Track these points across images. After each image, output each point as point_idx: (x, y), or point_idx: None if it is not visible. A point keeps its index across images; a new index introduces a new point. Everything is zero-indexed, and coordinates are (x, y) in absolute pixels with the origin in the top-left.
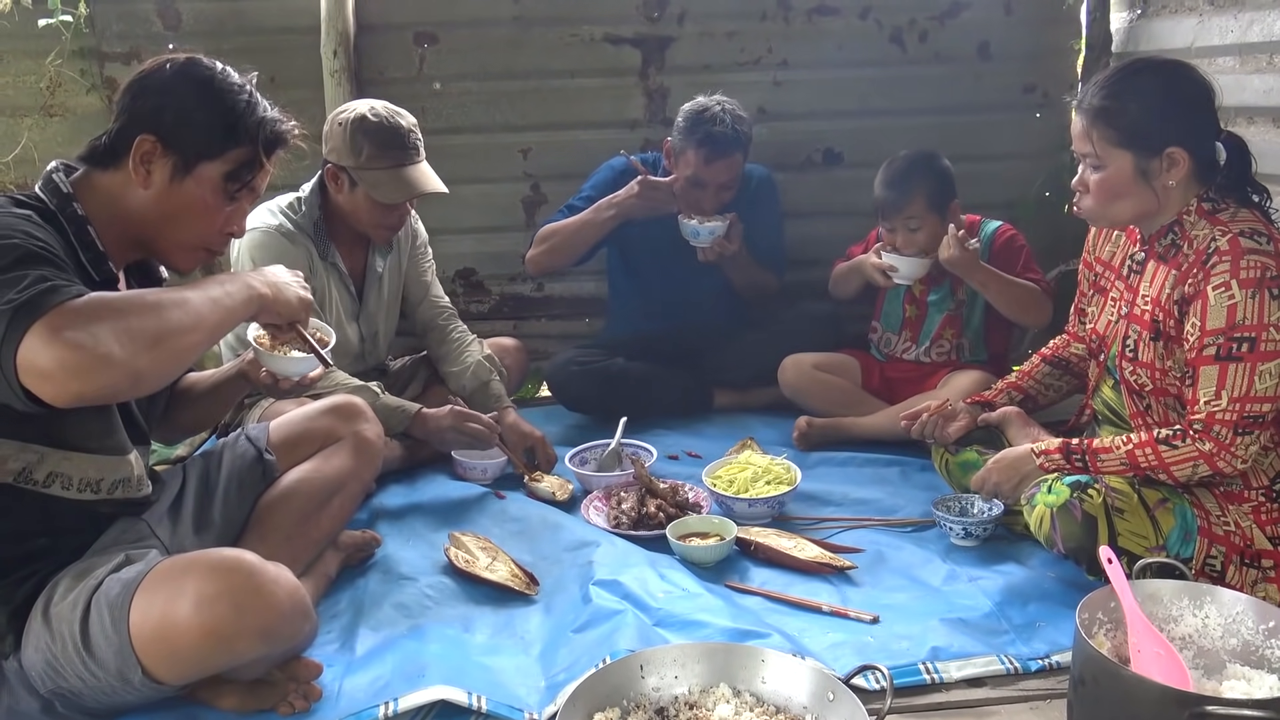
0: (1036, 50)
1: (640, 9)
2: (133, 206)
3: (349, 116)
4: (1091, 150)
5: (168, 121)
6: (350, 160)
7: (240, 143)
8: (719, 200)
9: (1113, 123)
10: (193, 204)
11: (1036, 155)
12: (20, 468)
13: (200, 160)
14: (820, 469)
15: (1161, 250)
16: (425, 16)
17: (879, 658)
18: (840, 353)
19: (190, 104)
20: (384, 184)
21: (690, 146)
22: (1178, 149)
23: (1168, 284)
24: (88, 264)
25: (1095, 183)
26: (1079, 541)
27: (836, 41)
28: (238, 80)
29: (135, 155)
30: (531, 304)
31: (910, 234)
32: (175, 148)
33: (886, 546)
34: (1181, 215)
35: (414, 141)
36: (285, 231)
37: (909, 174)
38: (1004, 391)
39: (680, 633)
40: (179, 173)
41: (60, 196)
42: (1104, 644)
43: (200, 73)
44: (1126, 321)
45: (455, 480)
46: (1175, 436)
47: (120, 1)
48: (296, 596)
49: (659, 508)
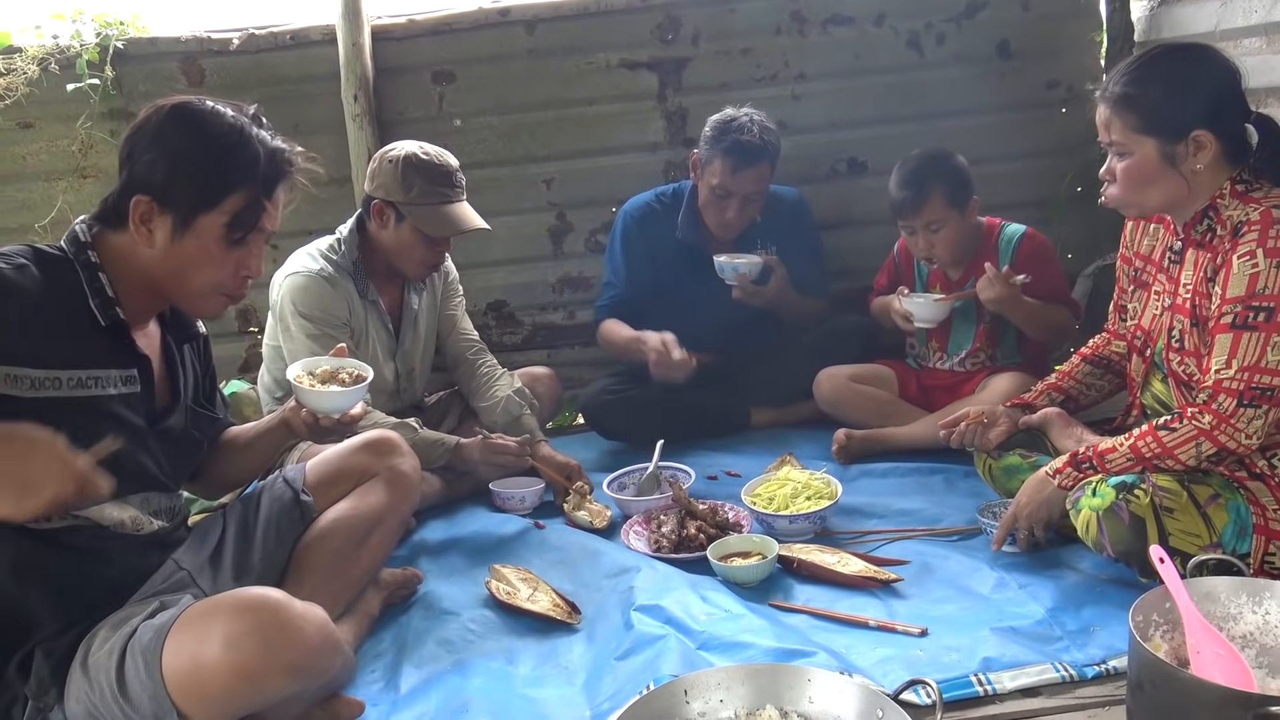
0: (1057, 45)
1: (654, 32)
2: (143, 264)
3: (399, 154)
4: (1116, 138)
5: (159, 179)
6: (400, 195)
7: (236, 188)
8: (744, 214)
9: (1135, 109)
10: (198, 258)
11: (1064, 151)
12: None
13: (198, 214)
14: (861, 481)
15: (1199, 237)
16: (441, 55)
17: (928, 671)
18: (876, 363)
19: (179, 157)
20: (432, 219)
21: (717, 156)
22: (1203, 132)
23: (1205, 268)
24: (96, 309)
25: (1121, 171)
26: (1128, 544)
27: (853, 50)
28: (229, 119)
29: (134, 217)
30: (564, 332)
31: (931, 235)
32: (171, 205)
33: (932, 557)
34: (1215, 199)
35: (459, 181)
36: (326, 275)
37: (924, 173)
38: (1044, 393)
39: (724, 655)
40: (179, 229)
41: (77, 245)
42: (1161, 646)
43: (187, 120)
44: (1171, 313)
45: (494, 513)
46: (1173, 420)
47: (145, 62)
48: (325, 631)
49: (699, 529)
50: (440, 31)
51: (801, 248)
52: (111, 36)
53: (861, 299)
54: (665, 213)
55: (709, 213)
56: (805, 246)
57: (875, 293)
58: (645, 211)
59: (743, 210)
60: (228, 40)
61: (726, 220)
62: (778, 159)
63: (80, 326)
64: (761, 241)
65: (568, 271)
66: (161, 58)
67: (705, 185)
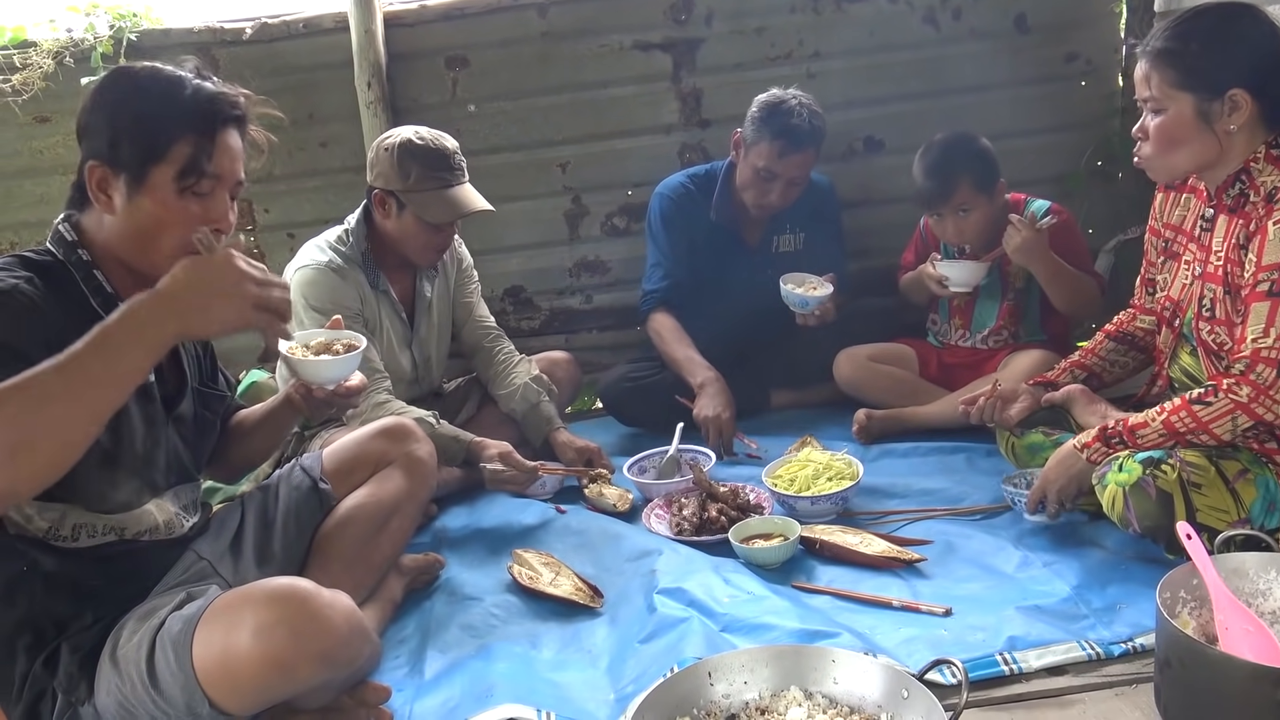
0: (1076, 17)
1: (667, 13)
2: (112, 238)
3: (394, 141)
4: (1151, 93)
5: (104, 141)
6: (398, 184)
7: (179, 135)
8: (787, 197)
9: (1174, 63)
10: (159, 214)
11: (1084, 125)
12: (47, 525)
13: (147, 168)
14: (883, 461)
15: (1230, 202)
16: (454, 41)
17: (953, 651)
18: (895, 342)
19: (117, 115)
20: (432, 205)
21: (765, 139)
22: (1240, 91)
23: (1238, 235)
24: (98, 308)
25: (1155, 128)
26: (1155, 520)
27: (868, 28)
28: (165, 72)
29: (91, 186)
30: (582, 316)
31: (961, 220)
32: (120, 165)
33: (956, 536)
34: (1248, 163)
35: (458, 163)
36: (335, 267)
37: (949, 159)
38: (1067, 370)
39: (747, 637)
40: (133, 188)
41: (66, 245)
42: (1189, 623)
43: (122, 80)
44: (1201, 282)
45: (515, 498)
46: (1208, 393)
47: (159, 53)
48: (353, 619)
49: (720, 511)
50: (452, 16)
51: (827, 236)
52: (125, 29)
53: (881, 278)
54: (699, 194)
55: (749, 193)
56: (831, 235)
57: (903, 270)
58: (681, 192)
59: (785, 193)
60: (240, 30)
61: (768, 202)
62: (822, 144)
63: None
64: (792, 226)
65: (584, 255)
66: (175, 49)
67: (749, 166)
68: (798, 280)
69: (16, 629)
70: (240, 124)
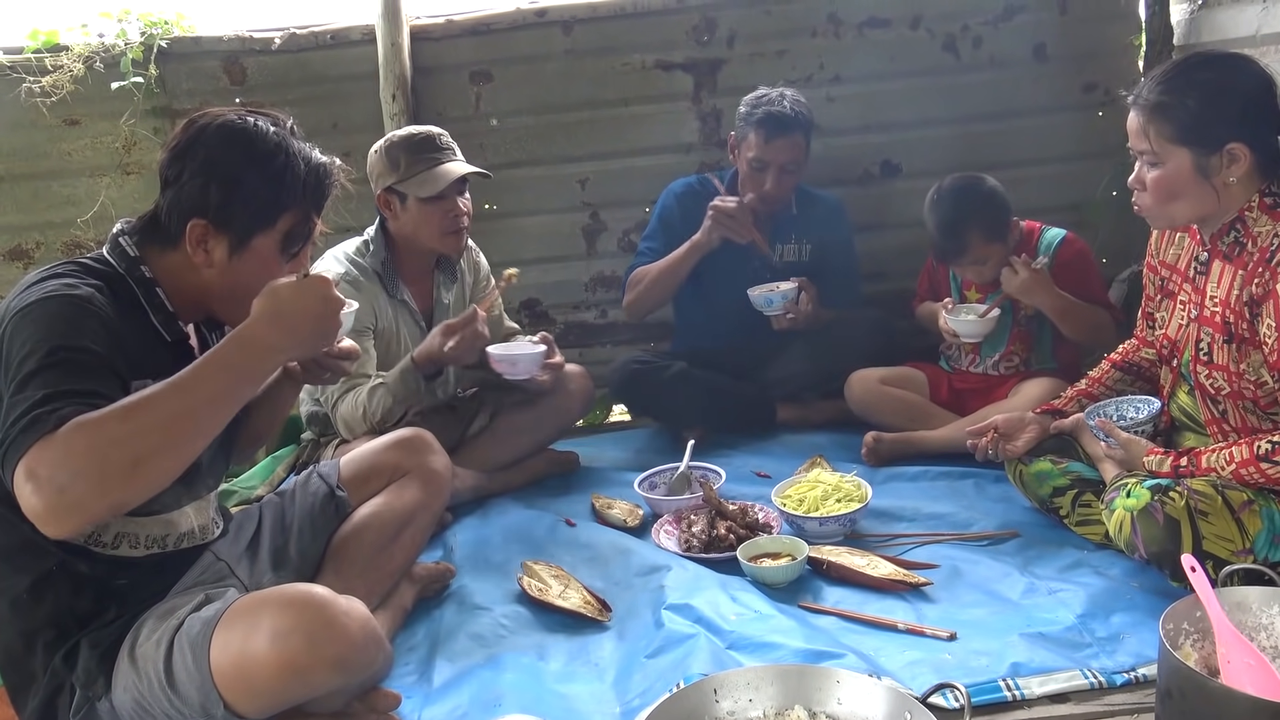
0: (1095, 48)
1: (690, 34)
2: (199, 283)
3: (380, 144)
4: (1148, 147)
5: (214, 202)
6: (392, 177)
7: (288, 207)
8: (783, 185)
9: (1171, 118)
10: (257, 274)
11: (1101, 155)
12: (90, 531)
13: (254, 235)
14: (891, 484)
15: (1225, 249)
16: (479, 56)
17: (957, 675)
18: (907, 366)
19: (233, 179)
20: (427, 181)
21: (750, 128)
22: (1238, 145)
23: (1235, 284)
24: (159, 325)
25: (1153, 181)
26: (1161, 545)
27: (889, 53)
28: (274, 137)
29: (190, 240)
30: (596, 331)
31: (979, 268)
32: (226, 228)
33: (962, 561)
34: (1243, 212)
35: (445, 143)
36: (350, 279)
37: (959, 215)
38: (1074, 399)
39: (753, 655)
40: (236, 250)
41: (128, 260)
42: (1191, 655)
43: (236, 139)
44: (1197, 325)
45: (526, 510)
46: (1275, 451)
47: (188, 60)
48: (368, 627)
49: (729, 529)
50: (479, 32)
51: (837, 251)
52: (156, 35)
53: (895, 301)
54: (706, 194)
55: (748, 187)
56: (841, 251)
57: (918, 298)
58: (685, 189)
59: (780, 181)
60: (269, 40)
61: (765, 193)
62: (811, 131)
63: (149, 341)
64: (797, 236)
65: (601, 270)
66: (204, 56)
67: (743, 161)
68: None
69: (41, 624)
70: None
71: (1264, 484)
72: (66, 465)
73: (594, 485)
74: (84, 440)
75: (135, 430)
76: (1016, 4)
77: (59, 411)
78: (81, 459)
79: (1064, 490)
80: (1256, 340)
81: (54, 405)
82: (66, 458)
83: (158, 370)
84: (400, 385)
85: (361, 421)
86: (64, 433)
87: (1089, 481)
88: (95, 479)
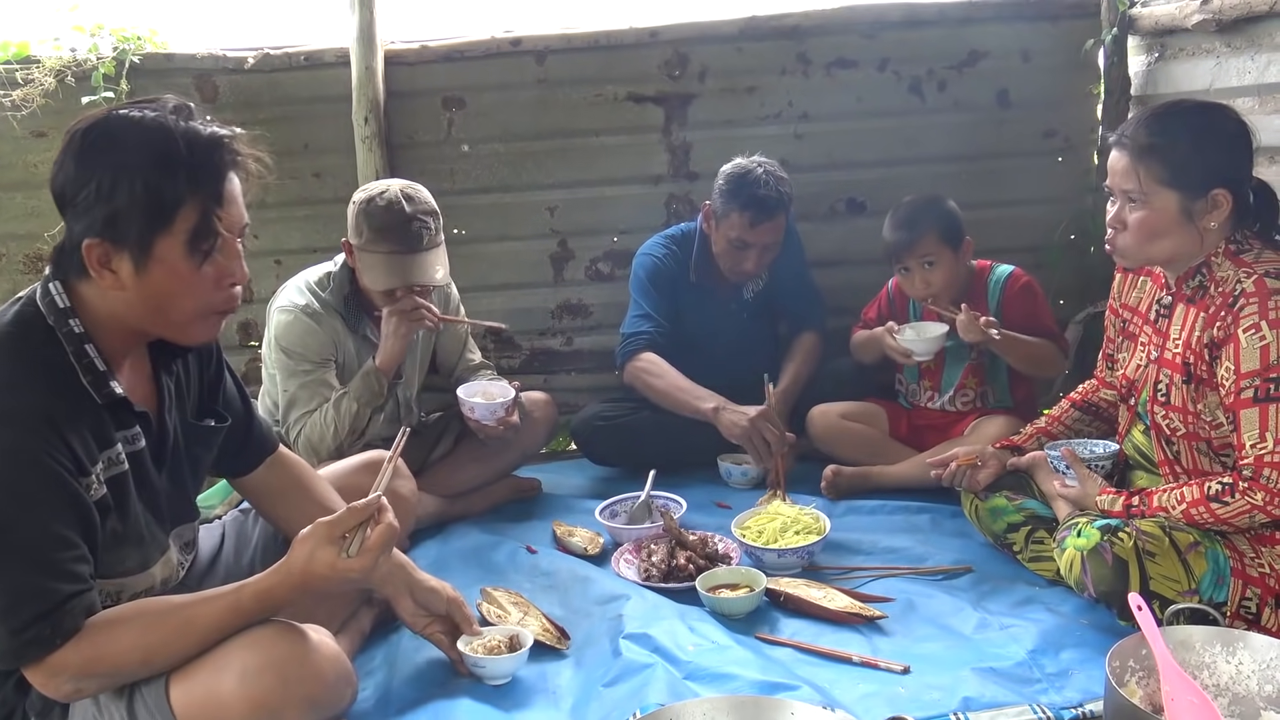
0: (1056, 96)
1: (662, 68)
2: (120, 309)
3: (361, 196)
4: (1136, 187)
5: (100, 218)
6: (355, 239)
7: (181, 199)
8: (762, 261)
9: (1162, 161)
10: (172, 286)
11: (1060, 199)
12: None
13: (153, 240)
14: (849, 518)
15: (1189, 292)
16: (453, 82)
17: (910, 709)
18: (867, 401)
19: (112, 183)
20: (374, 268)
21: (734, 210)
22: (1222, 191)
23: (1197, 326)
24: (89, 387)
25: (1135, 221)
26: (1110, 585)
27: (856, 93)
28: (150, 123)
29: (92, 264)
30: (561, 358)
31: (927, 273)
32: (123, 240)
33: (917, 595)
34: (1210, 257)
35: (416, 230)
36: (310, 311)
37: (919, 213)
38: (1033, 437)
39: (710, 685)
40: (140, 262)
41: (57, 313)
42: (1136, 692)
43: (108, 137)
44: (1157, 366)
45: (487, 535)
46: (1224, 492)
47: (160, 77)
48: (339, 663)
49: (689, 560)
50: (452, 58)
51: (791, 272)
52: (128, 51)
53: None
54: (681, 255)
55: (725, 261)
56: (795, 270)
57: (862, 324)
58: (666, 253)
59: (760, 259)
60: (243, 59)
61: (744, 270)
62: (791, 205)
63: (84, 409)
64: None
65: (567, 298)
66: (176, 73)
67: (722, 237)
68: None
69: None
70: (238, 166)
71: (1213, 524)
72: (88, 677)
73: (555, 512)
74: (101, 663)
75: (151, 645)
76: (980, 50)
77: (63, 626)
78: (101, 675)
79: (1018, 526)
80: (1214, 382)
81: (51, 626)
82: (87, 673)
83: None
84: (363, 387)
85: (331, 437)
86: (82, 660)
87: (1043, 519)
88: (112, 683)
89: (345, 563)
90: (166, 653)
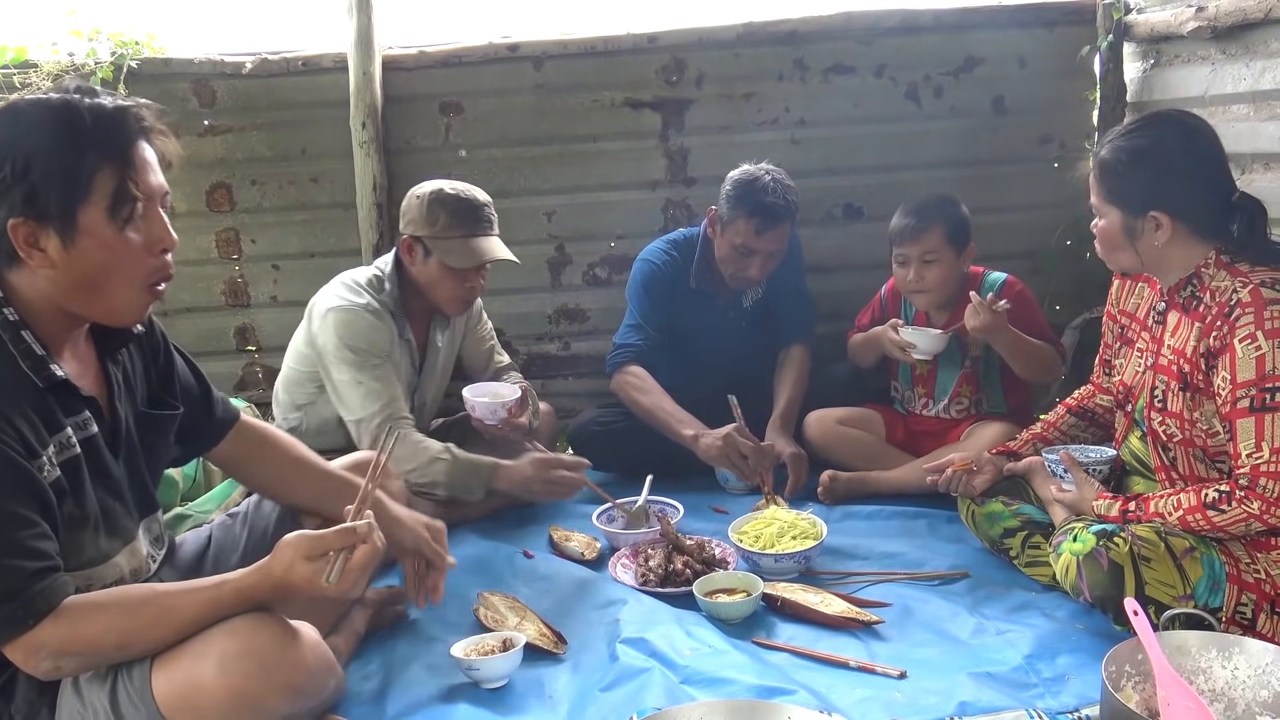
0: (1052, 103)
1: (659, 73)
2: (53, 292)
3: (426, 190)
4: (1095, 200)
5: (20, 197)
6: (426, 230)
7: (94, 167)
8: (765, 269)
9: (1106, 177)
10: (102, 255)
11: (1056, 205)
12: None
13: (73, 211)
14: (846, 523)
15: (1182, 301)
16: (450, 87)
17: (906, 713)
18: (864, 407)
19: (24, 167)
20: (456, 251)
21: (741, 216)
22: (1160, 213)
23: (1192, 336)
24: (30, 372)
25: (1098, 232)
26: (1105, 590)
27: (853, 99)
28: (56, 101)
29: (20, 244)
30: (558, 363)
31: (923, 268)
32: (44, 216)
33: (914, 600)
34: (1199, 268)
35: (487, 215)
36: (372, 309)
37: (932, 207)
38: (1029, 442)
39: (707, 690)
40: (66, 236)
41: None
42: (1132, 697)
43: (19, 118)
44: (1153, 372)
45: (484, 540)
46: (1221, 500)
47: (158, 81)
48: (319, 651)
49: (686, 564)
50: (450, 64)
51: (789, 281)
52: (126, 56)
53: None
54: (681, 260)
55: (728, 267)
56: (793, 279)
57: (856, 330)
58: (665, 259)
59: (765, 266)
60: (240, 64)
61: (748, 276)
62: (796, 214)
63: (26, 393)
64: None
65: (565, 303)
66: (174, 78)
67: (727, 243)
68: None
69: None
70: (148, 135)
71: (1209, 531)
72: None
73: (552, 517)
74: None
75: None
76: (977, 56)
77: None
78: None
79: (1014, 531)
80: (1210, 391)
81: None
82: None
83: (52, 421)
84: (463, 474)
85: (404, 462)
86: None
87: (1039, 524)
88: (91, 664)
89: (324, 586)
90: (143, 639)
